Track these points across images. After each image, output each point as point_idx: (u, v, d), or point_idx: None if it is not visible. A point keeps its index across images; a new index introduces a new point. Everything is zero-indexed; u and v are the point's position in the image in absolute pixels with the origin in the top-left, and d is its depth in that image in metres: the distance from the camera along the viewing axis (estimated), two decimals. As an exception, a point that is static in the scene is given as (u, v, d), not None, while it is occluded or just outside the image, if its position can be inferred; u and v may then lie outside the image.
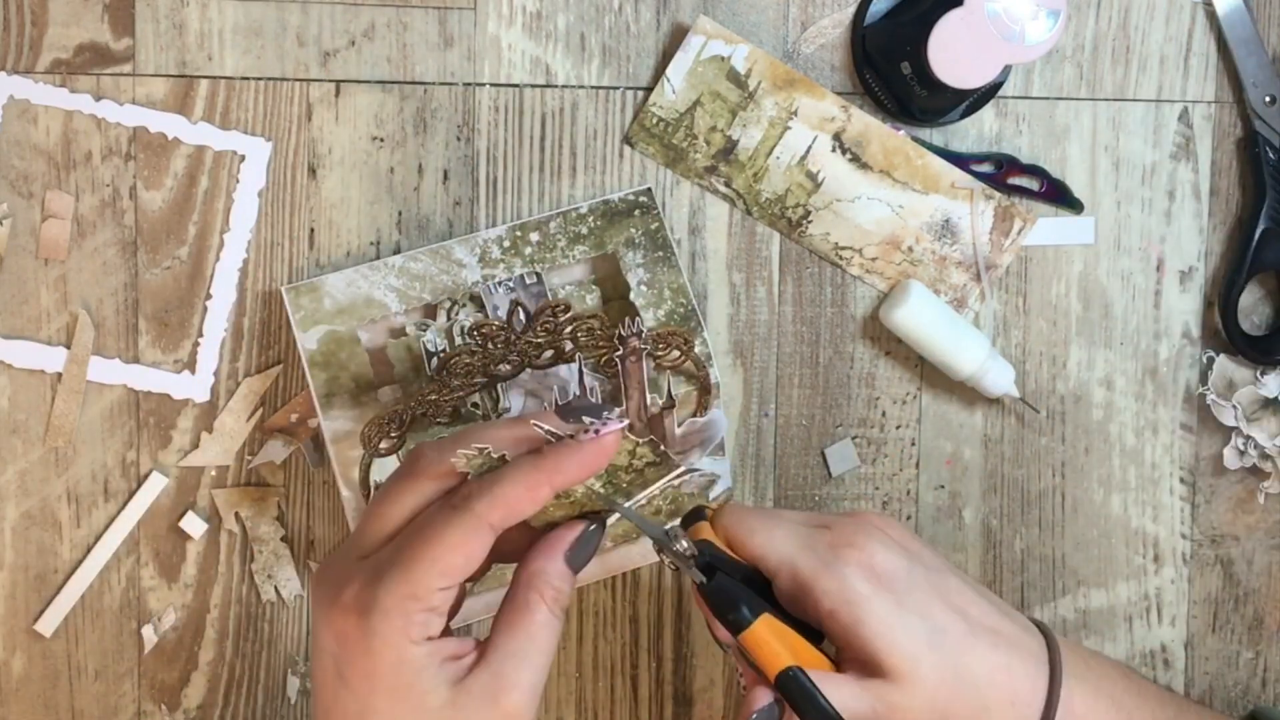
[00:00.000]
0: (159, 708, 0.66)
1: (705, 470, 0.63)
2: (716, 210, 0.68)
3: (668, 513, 0.58)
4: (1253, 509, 0.74)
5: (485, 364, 0.61)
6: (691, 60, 0.66)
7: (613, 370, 0.63)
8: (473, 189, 0.66)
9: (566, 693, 0.69)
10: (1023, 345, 0.71)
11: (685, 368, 0.66)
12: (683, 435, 0.65)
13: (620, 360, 0.63)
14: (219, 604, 0.66)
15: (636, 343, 0.63)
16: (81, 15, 0.63)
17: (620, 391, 0.64)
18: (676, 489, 0.58)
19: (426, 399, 0.60)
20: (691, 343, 0.65)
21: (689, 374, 0.66)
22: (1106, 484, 0.72)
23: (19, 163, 0.63)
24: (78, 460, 0.65)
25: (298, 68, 0.64)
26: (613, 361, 0.63)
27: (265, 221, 0.65)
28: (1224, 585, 0.74)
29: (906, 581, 0.54)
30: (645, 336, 0.63)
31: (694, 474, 0.59)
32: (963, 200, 0.69)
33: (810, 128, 0.67)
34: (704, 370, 0.65)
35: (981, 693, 0.53)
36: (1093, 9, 0.70)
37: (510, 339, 0.61)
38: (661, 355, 0.64)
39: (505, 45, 0.66)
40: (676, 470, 0.51)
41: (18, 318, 0.64)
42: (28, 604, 0.65)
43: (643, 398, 0.64)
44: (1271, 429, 0.72)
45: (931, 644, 0.52)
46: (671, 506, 0.58)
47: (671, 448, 0.64)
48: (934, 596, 0.54)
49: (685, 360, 0.65)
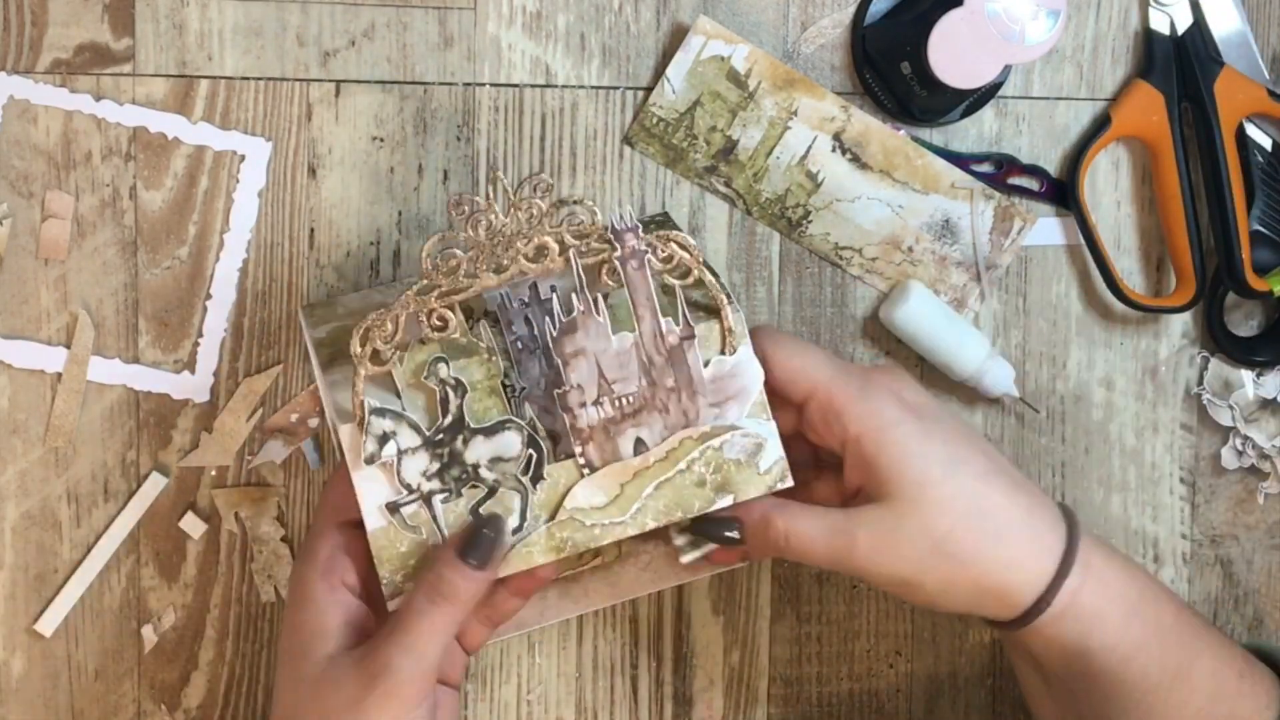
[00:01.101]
0: (159, 708, 0.66)
1: (749, 429, 0.56)
2: (716, 210, 0.68)
3: (713, 484, 0.56)
4: (1252, 509, 0.74)
5: (474, 258, 0.54)
6: (691, 60, 0.66)
7: (615, 279, 0.55)
8: (473, 189, 0.66)
9: (566, 693, 0.69)
10: (1023, 345, 0.71)
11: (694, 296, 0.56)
12: (713, 380, 0.56)
13: (621, 264, 0.54)
14: (219, 604, 0.66)
15: (634, 240, 0.54)
16: (81, 15, 0.63)
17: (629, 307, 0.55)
18: (719, 452, 0.56)
19: (415, 297, 0.54)
20: (695, 251, 0.55)
21: (704, 304, 0.56)
22: (1106, 484, 0.72)
23: (19, 163, 0.63)
24: (78, 460, 0.65)
25: (298, 68, 0.64)
26: (613, 268, 0.55)
27: (265, 221, 0.65)
28: (1224, 585, 0.74)
29: (935, 413, 0.55)
30: (643, 236, 0.54)
31: (736, 434, 0.56)
32: (963, 200, 0.69)
33: (810, 128, 0.67)
34: (720, 293, 0.56)
35: (997, 522, 0.54)
36: (1093, 9, 0.70)
37: (494, 226, 0.54)
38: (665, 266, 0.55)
39: (505, 45, 0.66)
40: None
41: (18, 318, 0.64)
42: (28, 604, 0.65)
43: (655, 320, 0.55)
44: (1270, 429, 0.72)
45: (946, 472, 0.54)
46: (717, 476, 0.56)
47: (702, 395, 0.55)
48: (961, 433, 0.56)
49: (694, 276, 0.55)
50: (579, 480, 0.56)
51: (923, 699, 0.72)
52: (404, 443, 0.54)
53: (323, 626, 0.54)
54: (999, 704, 0.73)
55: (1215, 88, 0.69)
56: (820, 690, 0.71)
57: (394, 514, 0.55)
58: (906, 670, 0.72)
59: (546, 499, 0.56)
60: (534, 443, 0.55)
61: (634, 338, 0.55)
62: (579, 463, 0.56)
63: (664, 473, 0.56)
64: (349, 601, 0.55)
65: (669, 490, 0.56)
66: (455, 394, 0.55)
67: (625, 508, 0.56)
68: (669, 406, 0.56)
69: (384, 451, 0.54)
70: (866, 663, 0.72)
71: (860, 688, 0.72)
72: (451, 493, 0.55)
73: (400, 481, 0.55)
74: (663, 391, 0.55)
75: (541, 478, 0.55)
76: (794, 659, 0.71)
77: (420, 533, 0.55)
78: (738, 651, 0.70)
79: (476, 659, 0.68)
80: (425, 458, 0.55)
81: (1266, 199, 0.70)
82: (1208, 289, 0.71)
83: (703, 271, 0.55)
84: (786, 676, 0.71)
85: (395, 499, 0.55)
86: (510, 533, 0.55)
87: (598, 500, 0.56)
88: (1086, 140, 0.70)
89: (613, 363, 0.55)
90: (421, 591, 0.53)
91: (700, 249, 0.56)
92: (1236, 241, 0.69)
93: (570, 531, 0.56)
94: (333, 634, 0.54)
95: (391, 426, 0.54)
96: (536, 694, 0.69)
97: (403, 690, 0.52)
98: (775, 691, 0.71)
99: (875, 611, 0.71)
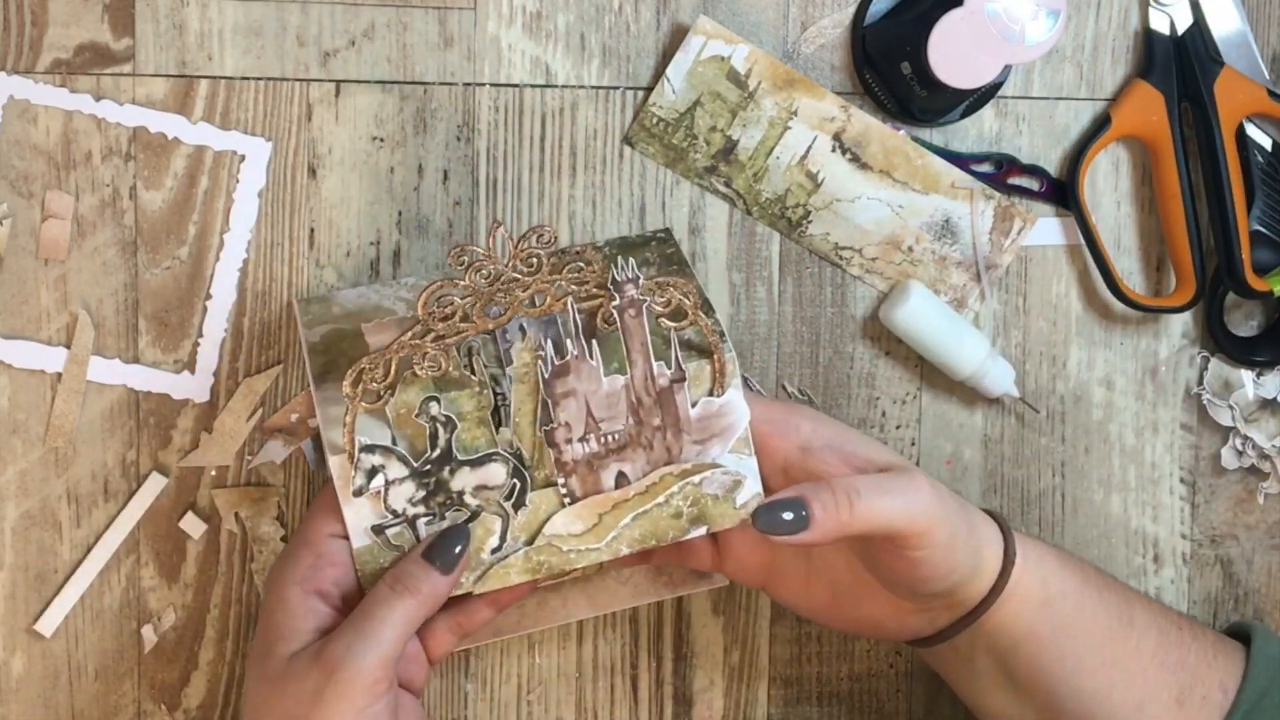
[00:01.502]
0: (159, 708, 0.66)
1: (730, 468, 0.58)
2: (716, 210, 0.68)
3: (689, 516, 0.57)
4: (1252, 509, 0.74)
5: (471, 304, 0.55)
6: (691, 60, 0.66)
7: (611, 326, 0.56)
8: (473, 189, 0.66)
9: (566, 693, 0.69)
10: (1023, 345, 0.71)
11: (688, 334, 0.58)
12: (699, 419, 0.57)
13: (618, 313, 0.56)
14: (219, 604, 0.66)
15: (633, 290, 0.56)
16: (81, 15, 0.63)
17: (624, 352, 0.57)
18: (697, 487, 0.57)
19: (409, 342, 0.55)
20: (693, 295, 0.57)
21: (697, 344, 0.58)
22: (1106, 484, 0.72)
23: (19, 163, 0.63)
24: (78, 460, 0.65)
25: (298, 68, 0.64)
26: (609, 315, 0.56)
27: (265, 221, 0.65)
28: (1224, 585, 0.74)
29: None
30: (642, 286, 0.56)
31: (716, 471, 0.57)
32: (963, 200, 0.69)
33: (810, 128, 0.67)
34: (714, 333, 0.57)
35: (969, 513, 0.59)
36: (1093, 9, 0.70)
37: (494, 273, 0.55)
38: (662, 310, 0.57)
39: (505, 45, 0.66)
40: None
41: (18, 318, 0.64)
42: (28, 604, 0.65)
43: (648, 364, 0.56)
44: (1270, 429, 0.72)
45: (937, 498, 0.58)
46: (693, 509, 0.57)
47: (687, 433, 0.57)
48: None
49: (689, 319, 0.57)
50: (559, 509, 0.57)
51: (923, 699, 0.72)
52: (392, 474, 0.56)
53: (293, 629, 0.55)
54: (999, 704, 0.73)
55: (1215, 88, 0.69)
56: (820, 690, 0.71)
57: (379, 535, 0.56)
58: (906, 670, 0.72)
59: (526, 523, 0.57)
60: (518, 473, 0.57)
61: (625, 380, 0.56)
62: (560, 492, 0.57)
63: (642, 505, 0.57)
64: (323, 610, 0.55)
65: (645, 521, 0.57)
66: (445, 430, 0.56)
67: (601, 535, 0.57)
68: (653, 443, 0.57)
69: (372, 484, 0.56)
70: (866, 663, 0.72)
71: (860, 688, 0.72)
72: (435, 516, 0.57)
73: (386, 507, 0.56)
74: (648, 430, 0.57)
75: (524, 504, 0.57)
76: (794, 659, 0.71)
77: (404, 550, 0.57)
78: (738, 651, 0.70)
79: (476, 658, 0.68)
80: (412, 486, 0.56)
81: (1266, 199, 0.70)
82: (1208, 289, 0.71)
83: (699, 316, 0.57)
84: (786, 676, 0.71)
85: (381, 523, 0.56)
86: (490, 551, 0.57)
87: (575, 528, 0.57)
88: (1086, 140, 0.70)
89: (602, 403, 0.56)
90: (384, 582, 0.55)
91: (698, 287, 0.58)
92: (1236, 241, 0.69)
93: (546, 555, 0.57)
94: (301, 636, 0.54)
95: (381, 461, 0.56)
96: (536, 694, 0.69)
97: (362, 679, 0.52)
98: (775, 691, 0.71)
99: (875, 611, 0.71)
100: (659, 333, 0.57)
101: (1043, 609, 0.60)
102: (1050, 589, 0.60)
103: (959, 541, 0.57)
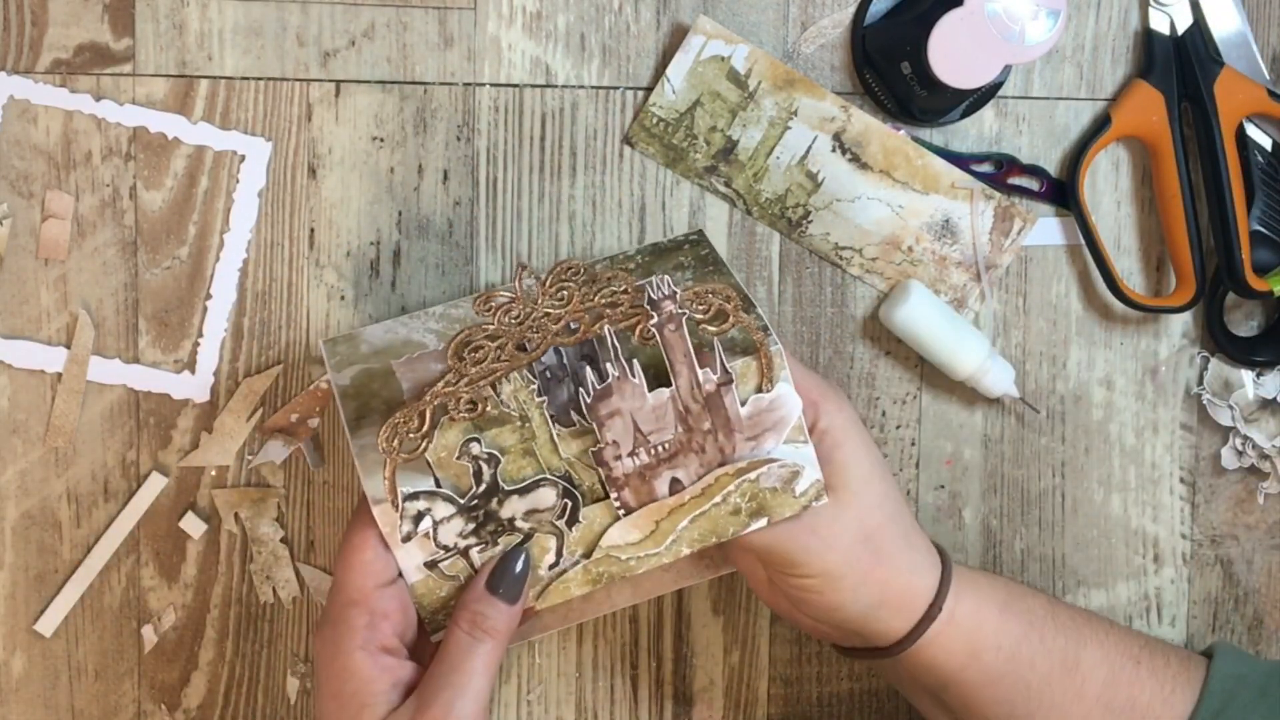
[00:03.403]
0: (159, 708, 0.66)
1: (786, 460, 0.56)
2: (716, 210, 0.68)
3: (748, 510, 0.56)
4: (1252, 509, 0.74)
5: (503, 344, 0.55)
6: (691, 60, 0.66)
7: (650, 342, 0.55)
8: (473, 189, 0.66)
9: (566, 693, 0.69)
10: (1023, 345, 0.71)
11: (732, 333, 0.56)
12: (749, 416, 0.55)
13: (657, 330, 0.54)
14: (219, 604, 0.66)
15: (671, 306, 0.54)
16: (81, 15, 0.63)
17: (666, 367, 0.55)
18: (755, 483, 0.56)
19: (443, 390, 0.54)
20: (734, 298, 0.55)
21: (742, 342, 0.56)
22: (1106, 484, 0.72)
23: (19, 163, 0.63)
24: (78, 460, 0.65)
25: (298, 68, 0.64)
26: (648, 333, 0.55)
27: (265, 221, 0.65)
28: (1224, 585, 0.74)
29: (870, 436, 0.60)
30: (679, 298, 0.54)
31: (772, 465, 0.56)
32: (963, 200, 0.69)
33: (810, 128, 0.67)
34: (758, 330, 0.56)
35: (907, 528, 0.59)
36: (1093, 9, 0.70)
37: (524, 313, 0.55)
38: (703, 317, 0.55)
39: (505, 45, 0.66)
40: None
41: (18, 318, 0.64)
42: (28, 604, 0.65)
43: (692, 374, 0.55)
44: (1270, 429, 0.72)
45: (883, 475, 0.59)
46: (752, 504, 0.56)
47: (739, 432, 0.55)
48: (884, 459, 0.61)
49: (731, 321, 0.55)
50: (615, 521, 0.56)
51: (923, 699, 0.72)
52: (439, 514, 0.55)
53: (373, 693, 0.54)
54: (999, 704, 0.73)
55: (1215, 88, 0.69)
56: (820, 690, 0.71)
57: (433, 569, 0.55)
58: (906, 670, 0.72)
59: (582, 537, 0.56)
60: (569, 494, 0.55)
61: (670, 392, 0.55)
62: (614, 505, 0.56)
63: (699, 507, 0.56)
64: (393, 664, 0.55)
65: (704, 521, 0.56)
66: (488, 466, 0.55)
67: (660, 541, 0.56)
68: (705, 447, 0.56)
69: (420, 527, 0.54)
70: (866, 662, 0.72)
71: (860, 688, 0.72)
72: (488, 544, 0.56)
73: (437, 544, 0.55)
74: (699, 435, 0.55)
75: (578, 520, 0.56)
76: (794, 659, 0.71)
77: (459, 580, 0.56)
78: (738, 651, 0.70)
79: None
80: (461, 522, 0.55)
81: (1266, 199, 0.70)
82: (1208, 289, 0.71)
83: (740, 317, 0.55)
84: (786, 676, 0.71)
85: (433, 558, 0.55)
86: (547, 568, 0.56)
87: (633, 537, 0.56)
88: (1086, 140, 0.70)
89: (649, 417, 0.55)
90: (461, 629, 0.54)
91: (738, 284, 0.56)
92: (1236, 241, 0.69)
93: (606, 566, 0.56)
94: (383, 698, 0.54)
95: (426, 505, 0.54)
96: (536, 694, 0.69)
97: None
98: (775, 691, 0.71)
99: (875, 611, 0.71)
100: (701, 338, 0.56)
101: (970, 659, 0.59)
102: (980, 642, 0.59)
103: (845, 584, 0.57)
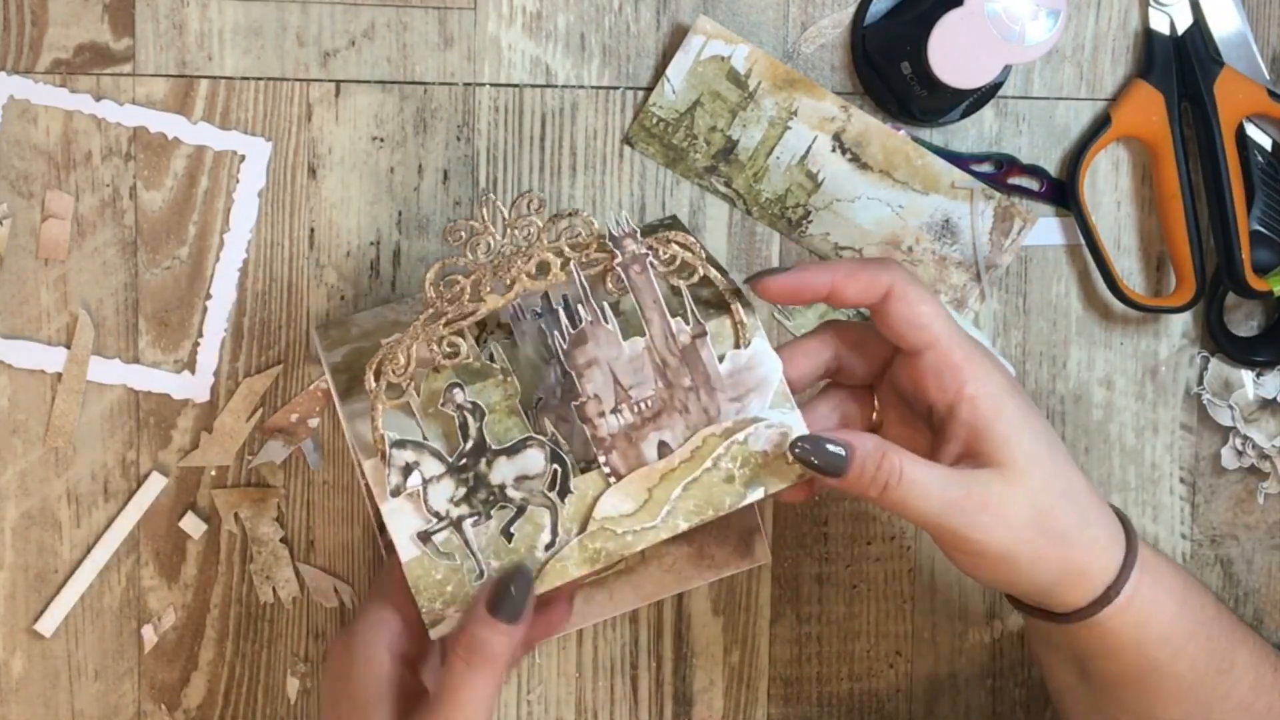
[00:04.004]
0: (159, 708, 0.66)
1: (774, 420, 0.55)
2: (716, 210, 0.68)
3: (742, 479, 0.56)
4: (1252, 509, 0.74)
5: (476, 281, 0.54)
6: (691, 60, 0.66)
7: (619, 286, 0.54)
8: (473, 189, 0.66)
9: (566, 693, 0.69)
10: (1023, 345, 0.71)
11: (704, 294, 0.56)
12: (729, 374, 0.55)
13: (623, 270, 0.54)
14: (219, 604, 0.66)
15: (633, 244, 0.54)
16: (81, 15, 0.63)
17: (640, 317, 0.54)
18: (744, 446, 0.55)
19: (424, 326, 0.54)
20: (695, 246, 0.55)
21: (714, 300, 0.56)
22: (1106, 484, 0.72)
23: (19, 163, 0.63)
24: (78, 460, 0.65)
25: (298, 68, 0.64)
26: (616, 275, 0.54)
27: (265, 221, 0.65)
28: (1224, 585, 0.74)
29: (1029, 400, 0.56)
30: (642, 240, 0.54)
31: (759, 425, 0.55)
32: (963, 200, 0.69)
33: (810, 128, 0.67)
34: (725, 286, 0.55)
35: (1085, 507, 0.56)
36: (1093, 9, 0.70)
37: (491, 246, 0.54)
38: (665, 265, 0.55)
39: (505, 45, 0.66)
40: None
41: (18, 318, 0.64)
42: (28, 604, 0.65)
43: (664, 321, 0.54)
44: (1270, 429, 0.72)
45: (1050, 451, 0.55)
46: (745, 471, 0.56)
47: (721, 391, 0.55)
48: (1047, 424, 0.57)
49: (700, 272, 0.55)
50: (606, 489, 0.55)
51: (923, 699, 0.72)
52: (428, 471, 0.54)
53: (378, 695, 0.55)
54: (999, 704, 0.73)
55: (1215, 88, 0.69)
56: (820, 690, 0.71)
57: (426, 543, 0.55)
58: (906, 670, 0.72)
59: (575, 511, 0.55)
60: (558, 457, 0.55)
61: (645, 341, 0.54)
62: (604, 472, 0.55)
63: (691, 472, 0.55)
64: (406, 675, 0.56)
65: (698, 490, 0.56)
66: (474, 418, 0.54)
67: (655, 512, 0.55)
68: (689, 406, 0.55)
69: (409, 482, 0.54)
70: (866, 663, 0.72)
71: (860, 688, 0.72)
72: (481, 515, 0.55)
73: (429, 510, 0.55)
74: (680, 391, 0.55)
75: (569, 491, 0.55)
76: (794, 659, 0.71)
77: (454, 559, 0.55)
78: (738, 651, 0.70)
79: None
80: (451, 484, 0.55)
81: (1266, 199, 0.70)
82: (1208, 289, 0.71)
83: (707, 268, 0.55)
84: (786, 676, 0.71)
85: (426, 528, 0.55)
86: (543, 548, 0.55)
87: (626, 507, 0.55)
88: (1086, 140, 0.70)
89: (627, 369, 0.55)
90: (460, 657, 0.53)
91: (703, 245, 0.56)
92: (1236, 241, 0.69)
93: (602, 541, 0.55)
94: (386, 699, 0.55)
95: (414, 457, 0.54)
96: (536, 694, 0.69)
97: None
98: (775, 691, 0.71)
99: (875, 611, 0.71)
100: (671, 290, 0.55)
101: (1135, 645, 0.57)
102: (1150, 631, 0.57)
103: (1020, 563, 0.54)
